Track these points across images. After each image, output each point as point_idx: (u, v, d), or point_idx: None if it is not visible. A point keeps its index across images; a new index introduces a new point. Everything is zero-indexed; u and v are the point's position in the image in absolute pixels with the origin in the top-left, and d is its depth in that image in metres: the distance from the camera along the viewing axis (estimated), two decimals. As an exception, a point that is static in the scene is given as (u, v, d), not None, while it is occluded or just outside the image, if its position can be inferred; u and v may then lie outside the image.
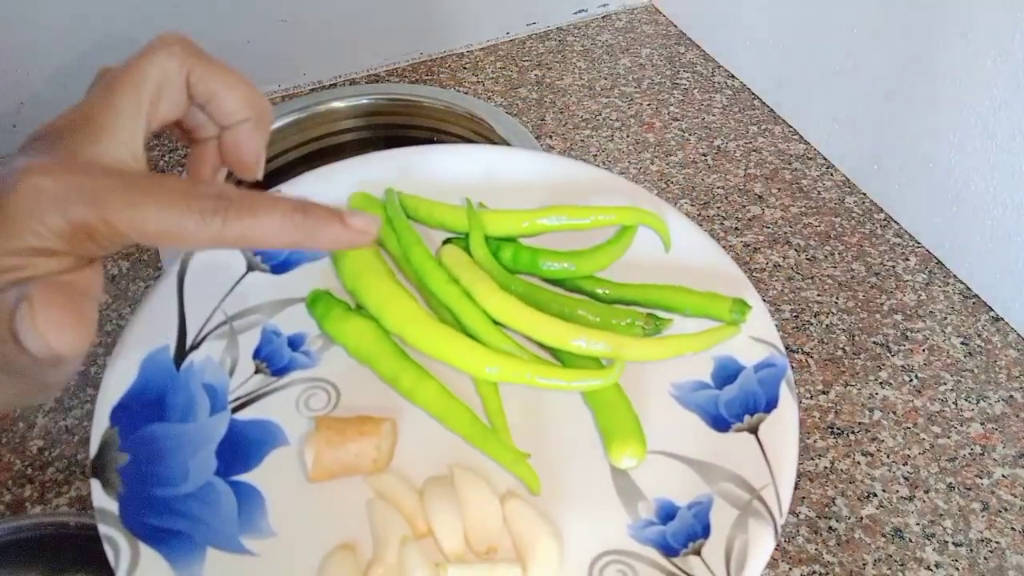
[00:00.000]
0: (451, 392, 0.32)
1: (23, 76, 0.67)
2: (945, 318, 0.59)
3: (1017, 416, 0.53)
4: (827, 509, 0.49)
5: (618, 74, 0.81)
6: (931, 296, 0.61)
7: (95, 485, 0.28)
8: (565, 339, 0.32)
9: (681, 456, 0.31)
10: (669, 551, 0.29)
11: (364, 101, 0.66)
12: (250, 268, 0.36)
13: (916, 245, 0.64)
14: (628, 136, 0.74)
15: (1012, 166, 0.55)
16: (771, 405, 0.32)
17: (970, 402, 0.54)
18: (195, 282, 0.34)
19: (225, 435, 0.32)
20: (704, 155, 0.72)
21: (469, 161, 0.40)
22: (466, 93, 0.73)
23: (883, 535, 0.48)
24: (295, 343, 0.35)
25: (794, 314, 0.59)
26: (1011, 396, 0.54)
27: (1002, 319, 0.59)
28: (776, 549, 0.47)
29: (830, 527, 0.48)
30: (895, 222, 0.66)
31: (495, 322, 0.34)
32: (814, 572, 0.46)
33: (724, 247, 0.64)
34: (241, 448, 0.31)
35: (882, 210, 0.67)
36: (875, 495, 0.49)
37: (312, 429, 0.31)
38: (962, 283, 0.61)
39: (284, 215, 0.27)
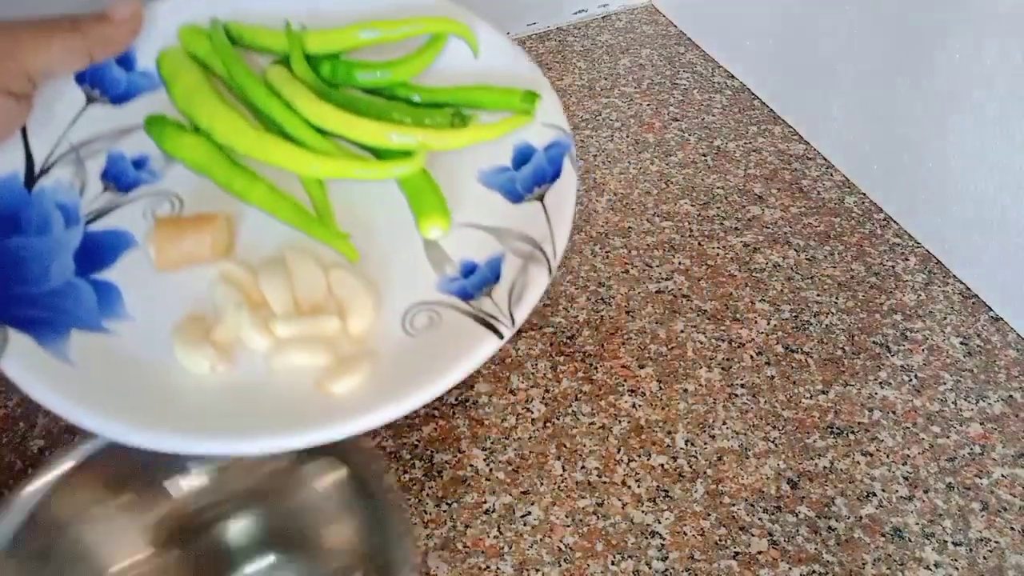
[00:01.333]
0: (278, 188, 0.37)
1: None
2: (945, 318, 0.59)
3: (1016, 416, 0.53)
4: (826, 509, 0.49)
5: (618, 74, 0.81)
6: (931, 296, 0.61)
7: None
8: (379, 135, 0.37)
9: (482, 225, 0.37)
10: (467, 296, 0.35)
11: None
12: (90, 100, 0.39)
13: (916, 245, 0.64)
14: (628, 136, 0.74)
15: (1012, 166, 0.55)
16: (556, 177, 0.37)
17: (969, 402, 0.54)
18: (36, 117, 0.37)
19: (80, 243, 0.36)
20: (704, 155, 0.72)
21: None
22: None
23: (882, 535, 0.48)
24: (139, 163, 0.39)
25: (794, 314, 0.59)
26: (1010, 396, 0.54)
27: (1001, 319, 0.59)
28: (775, 548, 0.47)
29: (829, 527, 0.48)
30: (895, 222, 0.66)
31: (317, 129, 0.38)
32: (813, 572, 0.46)
33: (724, 246, 0.64)
34: (96, 253, 0.36)
35: (882, 210, 0.67)
36: (874, 495, 0.49)
37: (153, 228, 0.36)
38: (961, 283, 0.61)
39: (63, 44, 0.34)
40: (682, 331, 0.58)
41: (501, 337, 0.33)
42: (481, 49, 0.40)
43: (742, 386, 0.55)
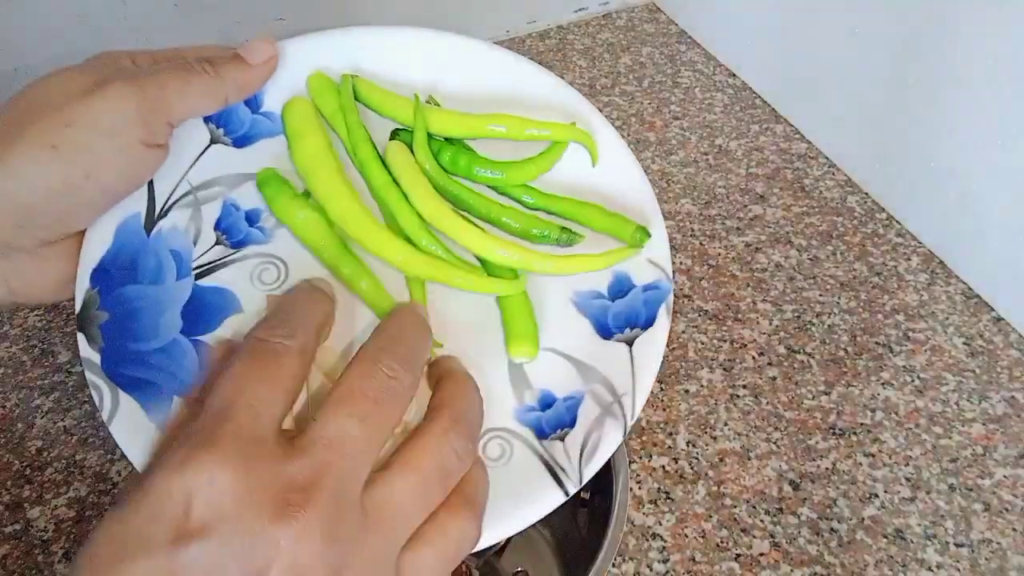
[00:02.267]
0: (383, 286, 0.37)
1: (23, 77, 0.67)
2: (947, 318, 0.59)
3: (1019, 416, 0.53)
4: (829, 510, 0.49)
5: (619, 73, 0.81)
6: (933, 296, 0.60)
7: (81, 339, 0.33)
8: (488, 249, 0.37)
9: (568, 356, 0.36)
10: (541, 434, 0.34)
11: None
12: (213, 140, 0.38)
13: (918, 245, 0.64)
14: (629, 135, 0.74)
15: (1013, 166, 0.55)
16: (649, 323, 0.36)
17: (972, 402, 0.54)
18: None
19: (189, 299, 0.36)
20: (705, 154, 0.72)
21: (429, 48, 0.42)
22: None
23: (885, 536, 0.47)
24: (252, 218, 0.38)
25: (796, 314, 0.59)
26: (1013, 396, 0.54)
27: (1004, 319, 0.59)
28: (777, 550, 0.47)
29: (832, 528, 0.48)
30: (897, 222, 0.66)
31: (426, 222, 0.38)
32: (815, 574, 0.46)
33: (725, 246, 0.64)
34: (202, 311, 0.35)
35: (884, 210, 0.67)
36: (877, 496, 0.49)
37: (263, 307, 0.36)
38: (964, 283, 0.61)
39: (204, 90, 0.34)
40: (683, 331, 0.58)
41: (567, 493, 0.32)
42: (602, 161, 0.40)
43: (744, 387, 0.55)
